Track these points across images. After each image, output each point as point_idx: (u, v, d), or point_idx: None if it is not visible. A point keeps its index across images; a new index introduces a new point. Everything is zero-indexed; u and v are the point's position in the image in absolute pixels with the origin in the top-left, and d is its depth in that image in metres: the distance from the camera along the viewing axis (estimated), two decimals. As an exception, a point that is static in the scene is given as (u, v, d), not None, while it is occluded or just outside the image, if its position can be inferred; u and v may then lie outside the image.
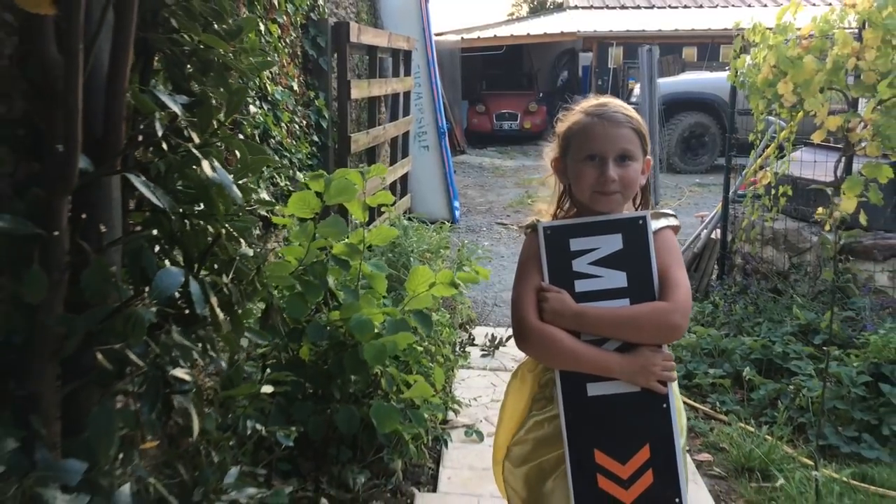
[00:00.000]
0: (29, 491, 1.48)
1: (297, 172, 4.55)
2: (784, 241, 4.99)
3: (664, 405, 1.79)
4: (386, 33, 6.53)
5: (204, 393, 2.11)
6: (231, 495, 2.03)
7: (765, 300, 4.74)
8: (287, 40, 4.54)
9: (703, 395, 4.04)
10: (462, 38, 18.11)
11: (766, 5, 19.79)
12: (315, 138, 5.09)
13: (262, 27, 3.81)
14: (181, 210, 1.99)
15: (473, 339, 4.83)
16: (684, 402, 3.81)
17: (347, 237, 3.06)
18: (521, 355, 1.95)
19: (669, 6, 21.11)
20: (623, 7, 21.18)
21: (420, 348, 3.50)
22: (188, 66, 2.18)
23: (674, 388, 1.84)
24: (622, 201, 1.85)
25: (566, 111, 1.94)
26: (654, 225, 1.85)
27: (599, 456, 1.80)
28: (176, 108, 1.88)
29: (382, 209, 4.75)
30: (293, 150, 4.54)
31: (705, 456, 3.48)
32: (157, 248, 2.02)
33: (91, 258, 1.70)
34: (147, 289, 1.79)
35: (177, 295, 1.96)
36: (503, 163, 14.98)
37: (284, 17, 4.35)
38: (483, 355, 4.63)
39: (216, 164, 1.98)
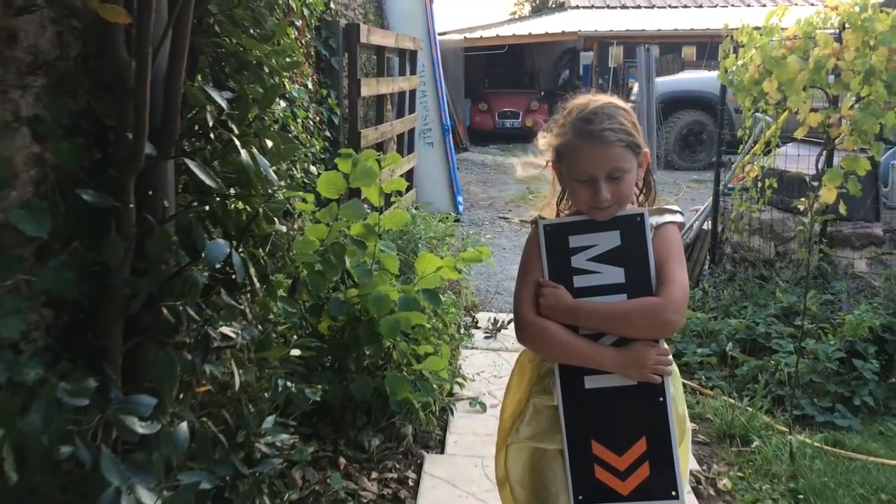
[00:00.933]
0: (112, 419, 1.78)
1: (311, 166, 4.85)
2: (770, 231, 5.28)
3: (661, 399, 1.81)
4: (393, 34, 6.83)
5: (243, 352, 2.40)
6: (268, 439, 2.33)
7: (751, 286, 5.03)
8: (302, 41, 4.84)
9: (692, 372, 4.33)
10: (465, 37, 18.40)
11: (764, 5, 20.04)
12: (327, 133, 5.39)
13: (273, 16, 4.10)
14: (225, 191, 2.28)
15: (477, 323, 5.13)
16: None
17: (365, 220, 3.36)
18: None
19: (669, 6, 21.37)
20: (623, 7, 21.45)
21: (429, 325, 3.80)
22: (228, 65, 2.48)
23: (675, 379, 1.90)
24: (618, 209, 1.85)
25: (555, 120, 1.94)
26: (657, 220, 1.88)
27: (597, 447, 1.84)
28: (222, 103, 2.18)
29: (392, 199, 5.04)
30: (308, 145, 4.83)
31: (692, 424, 3.77)
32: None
33: (155, 229, 2.00)
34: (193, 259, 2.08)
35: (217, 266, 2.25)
36: (505, 160, 15.26)
37: (300, 21, 4.65)
38: (486, 337, 4.92)
39: (255, 151, 2.29)
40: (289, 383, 2.53)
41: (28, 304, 1.86)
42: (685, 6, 21.41)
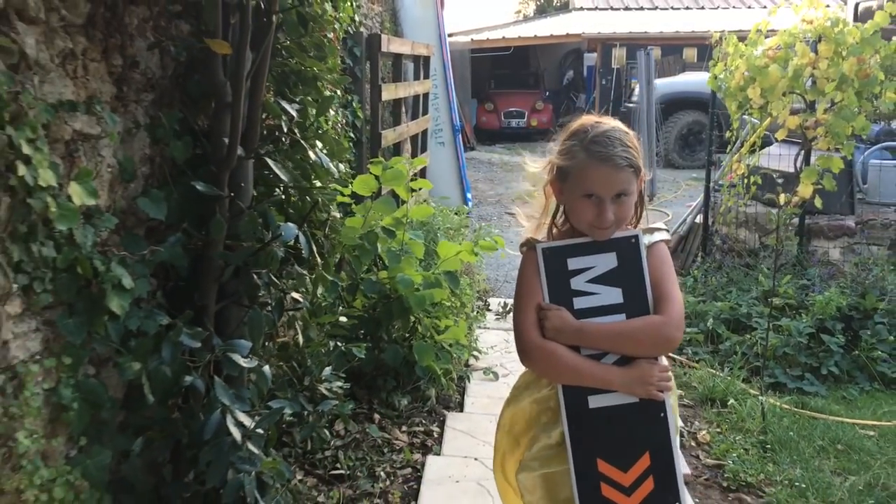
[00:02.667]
0: (220, 357, 2.32)
1: (340, 163, 5.38)
2: (755, 223, 5.80)
3: (661, 414, 1.86)
4: (409, 42, 7.36)
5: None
6: (326, 385, 2.87)
7: (737, 273, 5.55)
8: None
9: (680, 348, 4.85)
10: (472, 39, 18.91)
11: (764, 6, 20.49)
12: (352, 135, 5.91)
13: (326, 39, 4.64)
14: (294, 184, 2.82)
15: (489, 306, 5.66)
16: (668, 357, 4.64)
17: (395, 213, 3.90)
18: None
19: (672, 7, 21.80)
20: (627, 8, 21.91)
21: (448, 304, 4.33)
22: (291, 80, 3.01)
23: (671, 393, 1.94)
24: (616, 230, 1.91)
25: (566, 133, 1.97)
26: (648, 240, 1.94)
27: (602, 465, 1.88)
28: (293, 112, 2.72)
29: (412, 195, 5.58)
30: (338, 152, 5.37)
31: (679, 391, 4.30)
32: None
33: (245, 212, 2.53)
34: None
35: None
36: (511, 158, 15.77)
37: (332, 34, 5.17)
38: (496, 318, 5.46)
39: (318, 150, 2.82)
40: (339, 343, 3.06)
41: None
42: (687, 7, 21.84)
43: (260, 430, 2.37)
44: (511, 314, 5.50)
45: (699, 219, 6.49)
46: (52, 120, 1.98)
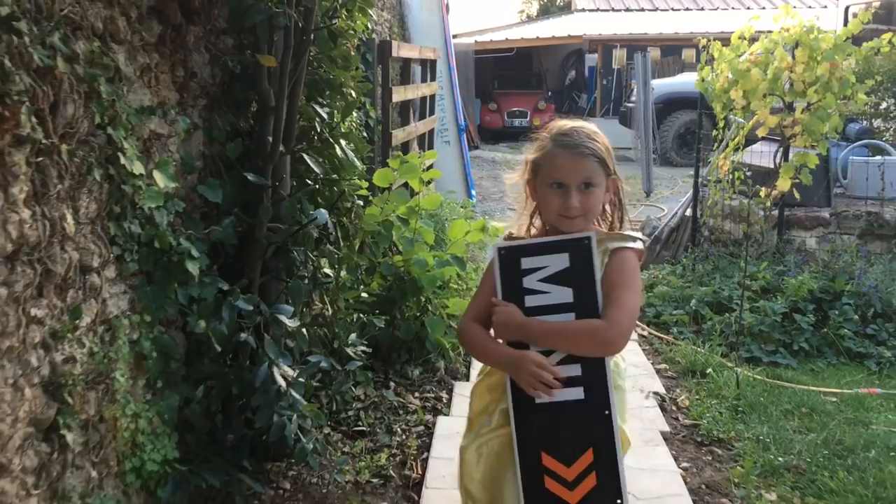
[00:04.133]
0: (269, 318, 2.78)
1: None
2: (738, 216, 6.25)
3: (606, 412, 1.91)
4: (417, 47, 7.82)
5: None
6: (352, 348, 3.34)
7: (722, 261, 6.00)
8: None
9: (668, 328, 5.31)
10: (475, 40, 19.37)
11: (763, 8, 20.90)
12: (364, 134, 6.38)
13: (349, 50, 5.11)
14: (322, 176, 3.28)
15: (492, 292, 6.13)
16: (654, 336, 5.10)
17: (408, 203, 4.37)
18: None
19: (672, 9, 22.22)
20: (628, 10, 22.34)
21: (455, 286, 4.80)
22: (320, 86, 3.47)
23: (620, 392, 2.04)
24: (585, 223, 2.00)
25: (537, 137, 2.10)
26: (616, 244, 1.99)
27: (546, 459, 1.94)
28: (324, 115, 3.18)
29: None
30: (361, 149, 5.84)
31: (663, 365, 4.76)
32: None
33: (286, 200, 3.00)
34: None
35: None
36: (514, 157, 16.21)
37: (348, 42, 5.64)
38: (499, 303, 5.92)
39: (344, 147, 3.28)
40: (361, 315, 3.53)
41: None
42: (687, 9, 22.25)
43: (301, 380, 2.83)
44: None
45: (689, 212, 6.93)
46: (137, 123, 2.44)
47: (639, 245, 2.03)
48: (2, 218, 1.83)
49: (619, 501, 1.92)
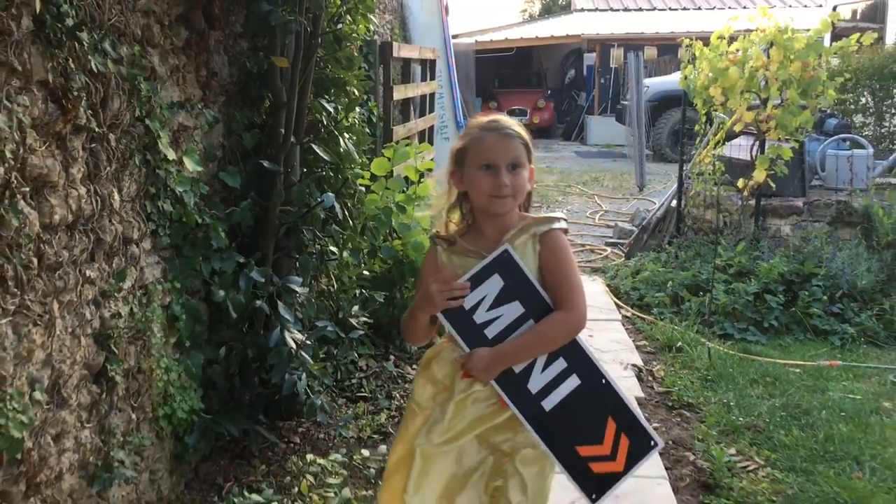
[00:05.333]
0: (282, 288, 3.17)
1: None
2: (719, 205, 6.61)
3: (603, 381, 2.04)
4: (417, 48, 8.20)
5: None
6: (355, 319, 3.72)
7: (704, 248, 6.36)
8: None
9: (649, 309, 5.68)
10: (476, 40, 19.75)
11: (770, 6, 21.19)
12: (367, 130, 6.76)
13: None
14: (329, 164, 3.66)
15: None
16: (637, 316, 5.47)
17: (405, 191, 4.75)
18: None
19: (669, 8, 22.55)
20: (626, 9, 22.69)
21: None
22: (326, 84, 3.85)
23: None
24: (514, 203, 2.06)
25: (462, 132, 2.20)
26: (541, 229, 2.05)
27: (583, 450, 2.03)
28: (330, 109, 3.56)
29: (421, 180, 6.44)
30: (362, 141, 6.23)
31: (643, 342, 5.14)
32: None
33: (296, 185, 3.38)
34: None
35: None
36: (513, 154, 16.57)
37: (351, 45, 6.02)
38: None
39: (346, 140, 3.66)
40: (364, 291, 3.91)
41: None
42: (684, 8, 22.59)
43: (309, 342, 3.22)
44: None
45: (675, 203, 7.29)
46: (168, 117, 2.83)
47: (563, 224, 2.10)
48: (65, 193, 2.21)
49: (653, 443, 2.06)
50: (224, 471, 3.25)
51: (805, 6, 20.41)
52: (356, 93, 3.90)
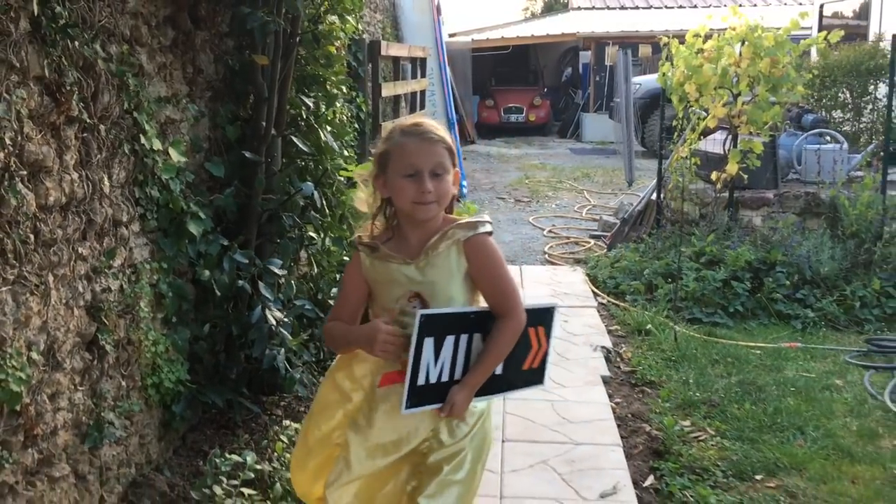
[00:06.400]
0: (262, 270, 3.42)
1: (345, 149, 6.49)
2: (695, 198, 6.86)
3: (472, 316, 2.05)
4: (406, 46, 8.46)
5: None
6: (334, 300, 3.97)
7: (683, 241, 6.60)
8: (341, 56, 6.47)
9: (624, 296, 5.92)
10: (472, 39, 19.99)
11: (755, 5, 21.44)
12: (356, 126, 7.02)
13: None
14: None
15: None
16: (612, 303, 5.71)
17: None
18: None
19: (665, 6, 22.76)
20: (623, 7, 22.91)
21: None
22: (307, 81, 4.09)
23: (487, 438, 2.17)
24: (438, 209, 2.03)
25: (384, 135, 2.17)
26: (464, 235, 2.04)
27: (524, 364, 2.16)
28: (310, 104, 3.81)
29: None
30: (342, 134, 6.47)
31: (615, 327, 5.39)
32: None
33: (277, 174, 3.63)
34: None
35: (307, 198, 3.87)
36: (508, 151, 16.84)
37: (338, 42, 6.28)
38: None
39: (326, 132, 3.91)
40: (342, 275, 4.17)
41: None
42: (680, 6, 22.78)
43: (288, 320, 3.47)
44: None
45: (654, 196, 7.54)
46: (155, 110, 3.08)
47: (488, 228, 2.09)
48: (59, 177, 2.47)
49: (552, 309, 2.16)
50: (210, 439, 3.50)
51: (800, 3, 20.63)
52: (335, 89, 4.15)
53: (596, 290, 6.20)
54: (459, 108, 16.33)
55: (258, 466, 3.09)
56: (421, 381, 1.98)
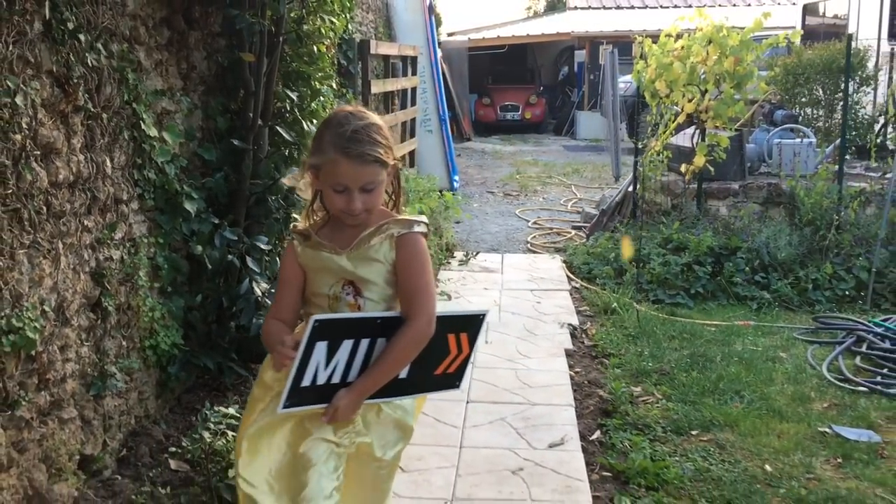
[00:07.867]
0: (250, 246, 3.80)
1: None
2: (667, 189, 7.24)
3: (378, 321, 1.99)
4: (396, 45, 8.84)
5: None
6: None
7: (652, 229, 6.98)
8: (329, 55, 6.85)
9: (595, 279, 6.30)
10: (469, 38, 20.37)
11: (749, 4, 21.78)
12: (346, 120, 7.40)
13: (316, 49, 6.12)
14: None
15: (454, 255, 7.15)
16: (584, 287, 6.08)
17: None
18: (491, 265, 3.22)
19: (661, 6, 23.09)
20: (619, 7, 23.26)
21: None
22: (292, 76, 4.46)
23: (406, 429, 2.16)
24: (368, 216, 2.03)
25: (320, 133, 2.05)
26: (398, 231, 2.04)
27: (438, 370, 2.13)
28: (294, 97, 4.18)
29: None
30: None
31: (585, 307, 5.76)
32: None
33: (263, 161, 4.01)
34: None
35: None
36: (503, 148, 17.22)
37: (328, 41, 6.65)
38: (460, 263, 6.94)
39: (309, 124, 4.28)
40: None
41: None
42: (675, 6, 23.12)
43: (272, 292, 3.85)
44: (471, 260, 6.96)
45: (631, 188, 7.91)
46: (152, 101, 3.46)
47: (422, 228, 2.09)
48: (67, 158, 2.85)
49: (481, 317, 2.12)
50: (202, 400, 3.87)
51: (794, 3, 20.93)
52: (320, 84, 4.53)
53: (571, 275, 6.58)
54: (454, 106, 16.72)
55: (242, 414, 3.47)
56: (306, 382, 1.94)
